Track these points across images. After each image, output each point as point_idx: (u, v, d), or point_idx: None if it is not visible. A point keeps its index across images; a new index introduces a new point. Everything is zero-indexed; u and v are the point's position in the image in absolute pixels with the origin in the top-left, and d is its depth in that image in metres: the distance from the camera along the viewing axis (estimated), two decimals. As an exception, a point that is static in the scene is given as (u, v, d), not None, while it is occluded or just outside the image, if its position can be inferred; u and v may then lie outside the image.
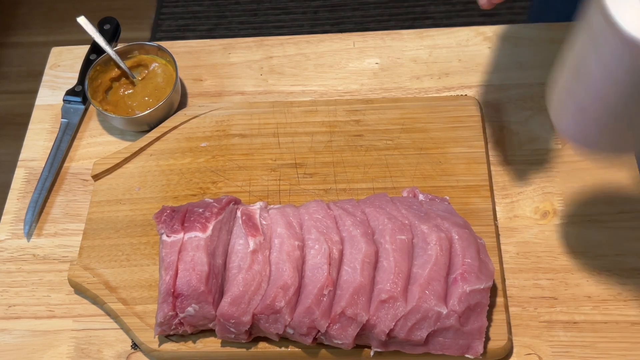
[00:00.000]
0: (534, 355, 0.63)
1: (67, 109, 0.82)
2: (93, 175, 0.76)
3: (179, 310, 0.62)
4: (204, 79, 0.84)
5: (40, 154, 0.80)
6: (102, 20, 0.87)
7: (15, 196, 0.78)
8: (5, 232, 0.75)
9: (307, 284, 0.61)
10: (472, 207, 0.70)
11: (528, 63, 0.81)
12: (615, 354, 0.63)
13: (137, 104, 0.79)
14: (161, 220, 0.65)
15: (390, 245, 0.62)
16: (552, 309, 0.65)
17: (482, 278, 0.60)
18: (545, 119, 0.77)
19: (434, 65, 0.82)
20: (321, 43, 0.86)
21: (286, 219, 0.64)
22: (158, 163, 0.76)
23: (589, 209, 0.71)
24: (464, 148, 0.74)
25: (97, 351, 0.67)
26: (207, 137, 0.78)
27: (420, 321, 0.59)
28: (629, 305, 0.65)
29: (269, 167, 0.75)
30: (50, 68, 0.88)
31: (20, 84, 1.97)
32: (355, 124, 0.77)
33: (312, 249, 0.62)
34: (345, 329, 0.59)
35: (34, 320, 0.69)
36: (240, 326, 0.61)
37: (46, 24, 2.09)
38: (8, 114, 1.88)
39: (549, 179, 0.73)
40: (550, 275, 0.67)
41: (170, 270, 0.62)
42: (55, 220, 0.75)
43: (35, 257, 0.73)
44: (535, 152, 0.75)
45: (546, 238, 0.69)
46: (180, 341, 0.65)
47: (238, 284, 0.61)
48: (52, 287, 0.71)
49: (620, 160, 0.73)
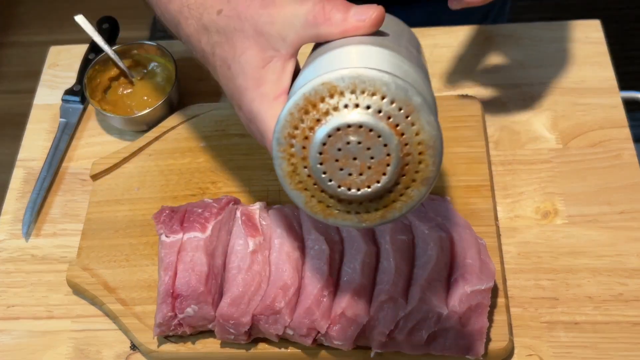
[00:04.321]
0: (535, 356, 0.63)
1: (65, 109, 0.82)
2: (92, 175, 0.76)
3: (178, 311, 0.61)
4: (203, 79, 0.84)
5: (39, 154, 0.80)
6: (101, 20, 0.86)
7: (13, 196, 0.77)
8: (3, 232, 0.75)
9: (307, 285, 0.60)
10: (473, 207, 0.70)
11: (529, 62, 0.81)
12: (616, 355, 0.63)
13: (136, 103, 0.79)
14: (160, 221, 0.65)
15: (391, 246, 0.61)
16: (553, 309, 0.65)
17: (483, 278, 0.60)
18: (547, 118, 0.77)
19: (434, 65, 0.82)
20: (321, 42, 0.86)
21: (286, 219, 0.64)
22: (157, 163, 0.76)
23: (590, 209, 0.70)
24: (465, 148, 0.74)
25: (96, 352, 0.66)
26: (207, 137, 0.77)
27: (420, 322, 0.59)
28: (630, 306, 0.65)
29: (269, 167, 0.74)
30: (49, 67, 0.87)
31: (19, 83, 1.96)
32: (355, 123, 0.76)
33: (312, 249, 0.62)
34: (345, 330, 0.59)
35: (32, 320, 0.69)
36: (239, 327, 0.60)
37: (45, 23, 2.09)
38: (6, 114, 1.88)
39: (550, 179, 0.73)
40: (551, 275, 0.67)
41: (170, 270, 0.62)
42: (54, 221, 0.75)
43: (34, 257, 0.73)
44: (537, 152, 0.75)
45: (547, 238, 0.69)
46: (179, 342, 0.65)
47: (237, 285, 0.61)
48: (50, 288, 0.71)
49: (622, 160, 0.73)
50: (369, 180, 0.42)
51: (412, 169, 0.42)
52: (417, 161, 0.42)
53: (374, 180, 0.42)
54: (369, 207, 0.43)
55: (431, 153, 0.42)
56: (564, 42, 0.83)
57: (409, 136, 0.41)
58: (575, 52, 0.81)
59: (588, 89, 0.78)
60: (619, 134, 0.75)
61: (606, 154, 0.74)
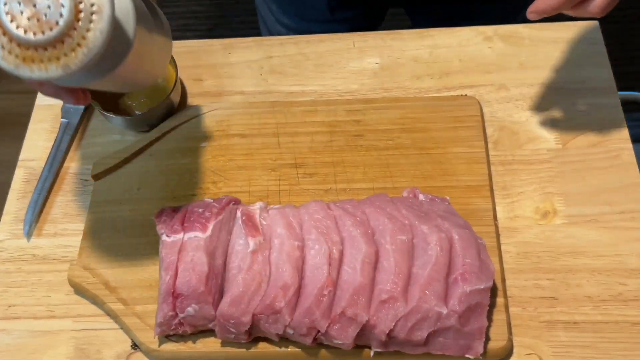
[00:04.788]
0: (534, 355, 0.63)
1: (67, 109, 0.82)
2: (93, 175, 0.76)
3: (178, 311, 0.62)
4: (204, 79, 0.84)
5: (40, 154, 0.80)
6: (102, 20, 0.86)
7: (15, 196, 0.78)
8: (5, 232, 0.75)
9: (307, 284, 0.61)
10: (473, 207, 0.70)
11: (528, 63, 0.81)
12: (615, 354, 0.63)
13: (137, 104, 0.79)
14: (161, 221, 0.65)
15: (391, 246, 0.61)
16: (553, 309, 0.65)
17: (482, 278, 0.60)
18: (546, 119, 0.77)
19: (434, 65, 0.82)
20: (321, 43, 0.86)
21: (286, 219, 0.64)
22: (158, 163, 0.76)
23: (589, 209, 0.71)
24: (464, 148, 0.74)
25: (96, 351, 0.67)
26: (207, 137, 0.77)
27: (420, 321, 0.59)
28: (629, 306, 0.65)
29: (269, 167, 0.75)
30: (50, 68, 0.88)
31: (20, 83, 1.97)
32: (355, 124, 0.77)
33: (312, 249, 0.62)
34: (345, 329, 0.59)
35: (33, 320, 0.69)
36: (240, 326, 0.61)
37: (46, 24, 2.08)
38: (8, 114, 1.88)
39: (550, 179, 0.73)
40: (550, 275, 0.67)
41: (170, 270, 0.62)
42: (55, 220, 0.75)
43: (35, 257, 0.73)
44: (536, 152, 0.75)
45: (546, 238, 0.69)
46: (180, 341, 0.65)
47: (238, 284, 0.61)
48: (51, 288, 0.71)
49: (620, 160, 0.73)
50: (48, 24, 0.47)
51: (86, 17, 0.48)
52: (90, 12, 0.48)
53: (52, 24, 0.47)
54: (52, 55, 0.48)
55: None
56: (564, 43, 0.83)
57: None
58: (574, 53, 0.82)
59: (587, 89, 0.79)
60: (618, 134, 0.75)
61: (605, 154, 0.74)
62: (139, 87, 0.69)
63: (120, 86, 0.64)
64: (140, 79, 0.64)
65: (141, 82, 0.66)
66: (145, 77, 0.65)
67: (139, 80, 0.64)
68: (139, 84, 0.66)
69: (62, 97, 0.58)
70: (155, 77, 0.67)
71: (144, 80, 0.65)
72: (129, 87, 0.68)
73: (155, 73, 0.67)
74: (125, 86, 0.65)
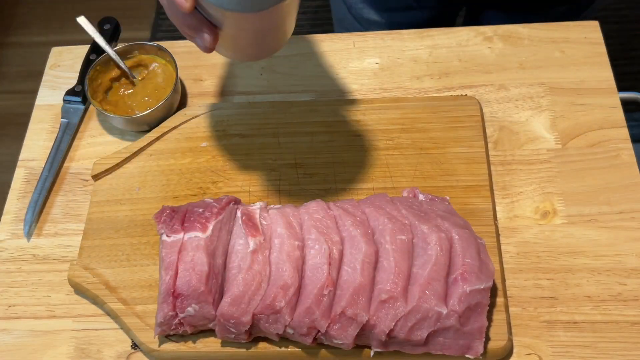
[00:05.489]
0: (534, 355, 0.63)
1: (67, 109, 0.82)
2: (93, 175, 0.76)
3: (179, 310, 0.62)
4: (204, 79, 0.84)
5: (40, 154, 0.80)
6: (102, 20, 0.87)
7: (15, 196, 0.78)
8: (5, 232, 0.75)
9: (307, 284, 0.61)
10: (472, 207, 0.70)
11: (528, 63, 0.81)
12: (615, 354, 0.63)
13: (137, 104, 0.79)
14: (161, 220, 0.65)
15: (391, 246, 0.61)
16: (552, 309, 0.65)
17: (482, 278, 0.60)
18: (546, 119, 0.77)
19: (434, 65, 0.82)
20: (321, 43, 0.86)
21: (286, 219, 0.64)
22: (158, 163, 0.76)
23: (589, 209, 0.71)
24: (464, 148, 0.74)
25: (97, 351, 0.67)
26: (207, 137, 0.78)
27: (420, 321, 0.59)
28: (629, 306, 0.65)
29: (269, 167, 0.75)
30: (50, 68, 0.88)
31: (20, 84, 1.97)
32: (355, 124, 0.77)
33: (312, 249, 0.62)
34: (345, 329, 0.59)
35: (33, 320, 0.69)
36: (240, 326, 0.61)
37: (46, 24, 2.09)
38: (8, 114, 1.88)
39: (549, 179, 0.73)
40: (550, 275, 0.67)
41: (170, 270, 0.62)
42: (55, 220, 0.75)
43: (35, 257, 0.73)
44: (535, 152, 0.75)
45: (546, 238, 0.69)
46: (180, 341, 0.65)
47: (238, 284, 0.61)
48: (52, 287, 0.71)
49: (618, 160, 0.73)
50: None
51: None
52: None
53: None
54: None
55: None
56: (564, 43, 0.83)
57: None
58: (574, 53, 0.82)
59: (587, 89, 0.79)
60: (617, 134, 0.75)
61: (605, 154, 0.74)
62: (270, 51, 0.65)
63: (259, 41, 0.61)
64: (280, 35, 0.61)
65: (278, 42, 0.63)
66: (282, 36, 0.62)
67: (279, 36, 0.61)
68: (277, 42, 0.63)
69: (200, 33, 0.56)
70: (285, 40, 0.63)
71: (281, 39, 0.62)
72: (263, 47, 0.64)
73: (287, 36, 0.63)
74: (261, 44, 0.62)
